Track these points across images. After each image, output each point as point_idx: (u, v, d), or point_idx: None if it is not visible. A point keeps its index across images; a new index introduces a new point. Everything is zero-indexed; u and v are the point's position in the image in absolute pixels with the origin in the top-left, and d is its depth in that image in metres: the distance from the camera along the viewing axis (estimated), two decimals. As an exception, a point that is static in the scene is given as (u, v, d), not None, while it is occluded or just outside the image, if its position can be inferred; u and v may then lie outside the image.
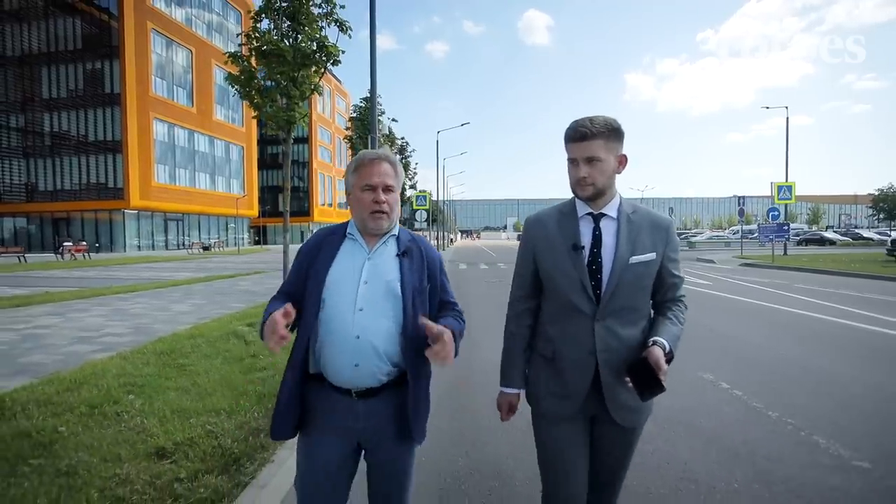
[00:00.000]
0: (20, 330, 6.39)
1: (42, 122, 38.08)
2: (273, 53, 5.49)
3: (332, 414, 1.42)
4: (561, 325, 1.47)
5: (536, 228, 1.52)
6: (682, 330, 1.45)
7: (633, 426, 1.48)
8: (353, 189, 1.45)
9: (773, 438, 3.11)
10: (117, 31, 35.70)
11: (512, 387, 1.58)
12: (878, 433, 3.19)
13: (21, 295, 10.01)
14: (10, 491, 2.28)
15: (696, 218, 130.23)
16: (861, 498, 2.41)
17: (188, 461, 2.61)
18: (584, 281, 1.40)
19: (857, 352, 5.38)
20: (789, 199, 18.70)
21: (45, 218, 38.98)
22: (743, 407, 3.69)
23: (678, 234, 7.29)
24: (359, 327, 1.37)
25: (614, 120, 1.40)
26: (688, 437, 3.13)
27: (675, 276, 1.49)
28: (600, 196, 1.42)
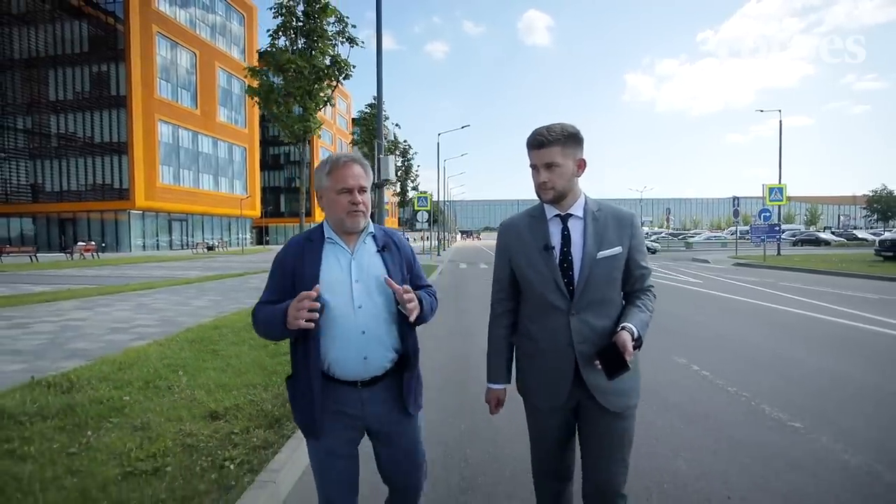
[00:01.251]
0: (57, 322, 6.95)
1: (49, 124, 38.66)
2: (291, 69, 6.03)
3: (337, 405, 1.51)
4: (539, 322, 1.56)
5: (510, 233, 1.63)
6: (650, 316, 1.54)
7: (620, 410, 1.54)
8: (328, 192, 1.50)
9: (727, 406, 3.67)
10: (123, 35, 36.28)
11: (498, 383, 1.68)
12: (819, 403, 3.73)
13: (46, 291, 10.57)
14: (103, 439, 2.84)
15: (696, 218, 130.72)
16: (785, 445, 2.97)
17: (238, 420, 3.16)
18: (556, 279, 1.50)
19: (823, 341, 5.92)
20: (780, 200, 19.25)
21: (52, 218, 39.55)
22: (707, 384, 4.24)
23: (677, 236, 8.07)
24: (363, 324, 1.47)
25: (572, 126, 1.49)
26: (659, 409, 3.68)
27: (641, 267, 1.57)
28: (562, 198, 1.52)
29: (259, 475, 2.47)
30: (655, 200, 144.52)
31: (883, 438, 3.10)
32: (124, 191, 37.19)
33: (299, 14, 6.40)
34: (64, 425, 3.03)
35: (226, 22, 47.96)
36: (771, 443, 3.04)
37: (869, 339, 5.97)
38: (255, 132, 52.57)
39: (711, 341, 5.98)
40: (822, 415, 3.49)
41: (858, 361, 4.98)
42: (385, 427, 1.56)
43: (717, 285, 12.27)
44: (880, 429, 3.26)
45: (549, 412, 1.60)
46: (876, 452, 2.87)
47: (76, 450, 2.70)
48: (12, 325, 6.61)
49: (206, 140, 44.88)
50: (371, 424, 1.56)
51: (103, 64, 37.49)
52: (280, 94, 6.48)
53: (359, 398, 1.51)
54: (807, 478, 2.60)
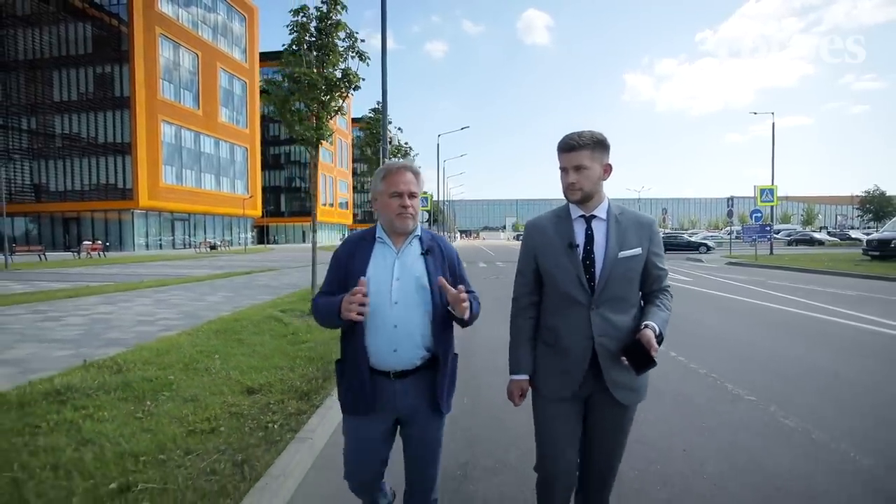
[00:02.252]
0: (86, 315, 7.45)
1: (53, 124, 39.09)
2: (306, 82, 6.55)
3: (375, 391, 1.64)
4: (561, 315, 1.65)
5: (536, 231, 1.73)
6: (669, 315, 1.66)
7: (630, 404, 1.66)
8: (382, 195, 1.65)
9: (700, 386, 4.19)
10: (127, 36, 36.72)
11: (521, 373, 1.74)
12: (772, 381, 4.26)
13: (66, 288, 11.07)
14: (161, 408, 3.36)
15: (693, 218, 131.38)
16: (741, 415, 3.49)
17: (272, 394, 3.69)
18: (579, 275, 1.60)
19: (792, 331, 6.45)
20: (771, 201, 19.81)
21: (56, 218, 40.00)
22: (683, 368, 4.77)
23: (674, 235, 8.81)
24: (396, 318, 1.60)
25: (600, 134, 1.62)
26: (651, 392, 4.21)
27: (659, 268, 1.68)
28: (588, 199, 1.63)
29: (298, 433, 3.00)
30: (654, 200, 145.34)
31: (829, 407, 3.63)
32: (128, 190, 37.64)
33: (312, 30, 6.92)
34: (126, 397, 3.55)
35: (227, 23, 48.39)
36: (731, 413, 3.57)
37: (836, 330, 6.50)
38: (257, 132, 53.02)
39: (691, 332, 6.50)
40: (772, 389, 4.03)
41: (821, 349, 5.50)
42: (413, 420, 1.69)
43: (707, 283, 12.81)
44: (831, 401, 3.79)
45: (559, 402, 1.67)
46: (818, 419, 3.40)
47: (141, 415, 3.21)
48: (47, 318, 7.12)
49: (208, 140, 45.33)
50: (401, 414, 1.68)
51: (107, 65, 37.92)
52: (294, 103, 6.99)
53: (392, 389, 1.64)
54: (752, 438, 3.13)
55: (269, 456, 2.67)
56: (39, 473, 2.40)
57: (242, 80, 50.48)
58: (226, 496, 2.26)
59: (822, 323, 7.05)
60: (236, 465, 2.56)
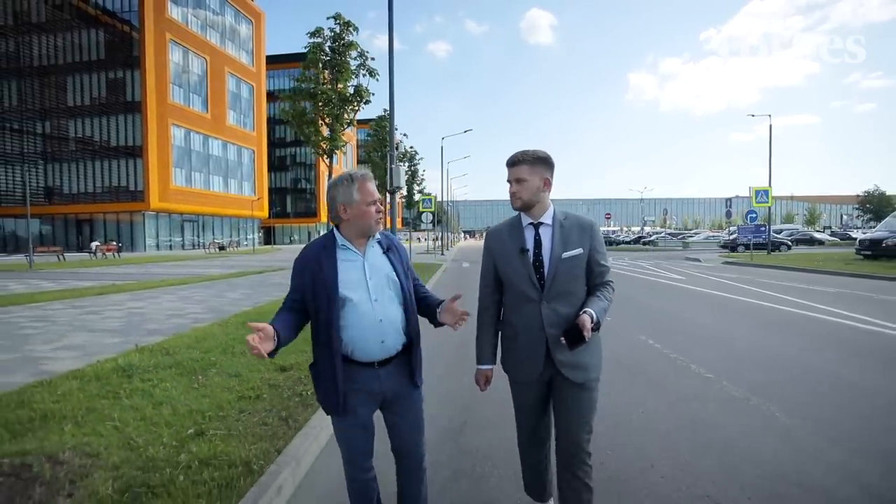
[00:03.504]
0: (121, 310, 8.18)
1: (67, 128, 40.10)
2: (322, 99, 7.25)
3: (358, 384, 1.79)
4: (517, 311, 1.90)
5: (494, 239, 1.97)
6: (609, 304, 1.87)
7: (583, 381, 1.86)
8: (359, 205, 1.75)
9: (666, 367, 4.84)
10: (138, 42, 37.70)
11: (485, 363, 2.01)
12: (722, 360, 4.90)
13: (94, 286, 11.83)
14: (211, 381, 4.05)
15: (697, 218, 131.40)
16: (709, 394, 4.14)
17: (301, 371, 4.37)
18: (530, 275, 1.83)
19: (761, 322, 7.07)
20: (766, 202, 20.35)
21: (70, 219, 41.01)
22: (657, 353, 5.42)
23: (676, 235, 9.87)
24: (380, 313, 1.76)
25: (543, 152, 1.85)
26: (616, 368, 4.86)
27: (601, 265, 1.90)
28: (529, 208, 1.85)
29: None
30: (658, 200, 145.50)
31: (760, 375, 4.27)
32: (139, 193, 38.59)
33: (327, 50, 7.62)
34: (180, 373, 4.24)
35: (235, 28, 49.31)
36: (690, 387, 4.23)
37: (803, 323, 7.11)
38: (263, 135, 53.91)
39: (670, 323, 7.13)
40: (722, 366, 4.68)
41: (786, 337, 6.13)
42: (397, 398, 1.87)
43: (698, 281, 13.41)
44: (787, 381, 4.43)
45: (526, 385, 1.94)
46: (780, 401, 4.05)
47: (197, 386, 3.91)
48: (87, 313, 7.85)
49: (216, 143, 46.26)
50: (386, 396, 1.85)
51: (119, 70, 38.91)
52: (311, 117, 7.70)
53: (376, 376, 1.80)
54: (704, 405, 3.78)
55: (306, 413, 3.36)
56: (132, 423, 3.09)
57: (249, 83, 51.40)
58: (277, 439, 2.94)
59: (785, 314, 7.66)
60: (282, 419, 3.25)
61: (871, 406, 3.76)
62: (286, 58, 58.06)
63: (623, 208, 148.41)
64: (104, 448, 2.70)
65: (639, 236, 53.71)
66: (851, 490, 2.51)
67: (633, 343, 5.92)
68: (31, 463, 2.48)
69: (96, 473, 2.42)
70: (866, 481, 2.59)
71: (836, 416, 3.53)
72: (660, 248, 38.93)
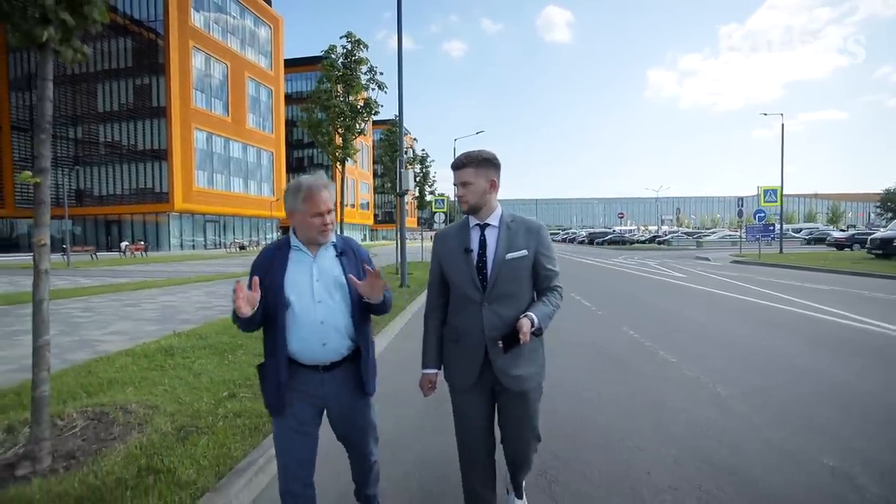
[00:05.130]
0: (154, 303, 9.06)
1: (97, 133, 41.99)
2: (336, 112, 7.99)
3: (302, 386, 1.79)
4: (460, 313, 1.84)
5: (441, 241, 1.92)
6: (553, 310, 1.81)
7: (521, 390, 1.81)
8: (303, 215, 1.74)
9: (635, 351, 5.42)
10: (163, 49, 39.28)
11: (429, 367, 1.92)
12: (699, 350, 5.45)
13: (129, 283, 12.83)
14: (239, 359, 4.78)
15: (715, 217, 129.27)
16: (664, 372, 4.72)
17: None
18: (473, 276, 1.78)
19: (746, 318, 7.54)
20: (774, 201, 20.48)
21: (99, 220, 42.91)
22: (632, 340, 5.98)
23: (692, 235, 10.70)
24: (321, 315, 1.74)
25: (488, 153, 1.81)
26: (597, 357, 5.46)
27: (547, 269, 1.84)
28: (477, 210, 1.82)
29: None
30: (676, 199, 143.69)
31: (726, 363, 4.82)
32: (164, 194, 40.19)
33: (339, 66, 8.35)
34: (213, 353, 4.99)
35: (254, 33, 50.73)
36: (649, 367, 4.81)
37: (790, 319, 7.56)
38: (282, 137, 55.30)
39: (654, 315, 7.66)
40: (688, 353, 5.23)
41: (753, 327, 6.61)
42: (343, 405, 1.85)
43: (699, 279, 13.79)
44: (738, 364, 4.98)
45: (466, 392, 1.87)
46: (725, 378, 4.61)
47: (228, 362, 4.65)
48: (126, 305, 8.74)
49: (236, 146, 47.73)
50: (330, 402, 1.84)
51: (145, 77, 40.56)
52: (326, 126, 8.45)
53: (320, 380, 1.80)
54: (653, 382, 4.37)
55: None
56: (179, 387, 3.84)
57: (268, 87, 52.82)
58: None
59: (764, 308, 8.11)
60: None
61: (811, 384, 4.29)
62: (303, 61, 59.54)
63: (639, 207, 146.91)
64: (160, 402, 3.44)
65: (653, 235, 53.53)
66: (758, 444, 3.10)
67: (615, 332, 6.49)
68: (108, 411, 3.23)
69: (157, 418, 3.15)
70: (784, 445, 3.17)
71: (772, 391, 4.08)
72: (673, 248, 38.94)
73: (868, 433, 3.21)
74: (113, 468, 2.47)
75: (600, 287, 12.29)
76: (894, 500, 2.41)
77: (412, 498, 2.52)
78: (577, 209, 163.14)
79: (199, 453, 2.68)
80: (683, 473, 2.71)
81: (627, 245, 43.94)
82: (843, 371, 4.65)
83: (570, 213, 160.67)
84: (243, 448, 2.78)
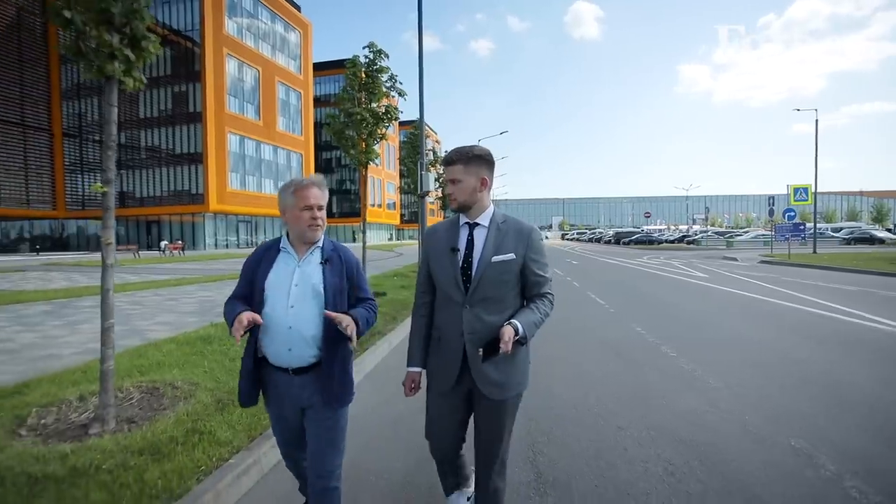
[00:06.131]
0: (193, 297, 9.78)
1: (138, 139, 44.27)
2: (358, 119, 8.51)
3: (278, 387, 1.86)
4: (443, 313, 1.80)
5: (430, 237, 1.88)
6: (542, 318, 1.73)
7: (499, 399, 1.74)
8: (293, 209, 1.79)
9: (640, 346, 5.68)
10: (199, 57, 41.08)
11: (413, 366, 1.87)
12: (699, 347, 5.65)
13: (169, 279, 13.75)
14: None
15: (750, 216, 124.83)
16: (665, 365, 4.98)
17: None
18: (456, 276, 1.74)
19: (756, 317, 7.63)
20: (805, 200, 19.95)
21: (140, 221, 45.22)
22: (638, 336, 6.23)
23: (724, 234, 13.93)
24: (291, 321, 1.77)
25: (480, 149, 1.77)
26: (600, 348, 5.75)
27: (537, 274, 1.77)
28: (466, 208, 1.77)
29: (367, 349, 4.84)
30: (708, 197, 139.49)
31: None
32: (199, 196, 42.03)
33: (362, 76, 8.86)
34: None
35: (284, 38, 52.33)
36: (647, 359, 5.08)
37: (799, 318, 7.60)
38: (311, 139, 56.81)
39: (664, 313, 7.83)
40: (698, 352, 5.46)
41: (771, 329, 6.73)
42: (311, 411, 1.87)
43: (720, 279, 13.71)
44: (733, 358, 5.18)
45: (443, 395, 1.82)
46: (716, 371, 4.84)
47: (259, 350, 5.17)
48: (168, 299, 9.50)
49: (267, 148, 49.37)
50: (304, 405, 1.87)
51: (182, 84, 42.47)
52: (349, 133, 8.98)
53: (291, 382, 1.83)
54: (651, 371, 4.65)
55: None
56: (217, 369, 4.36)
57: (298, 90, 54.37)
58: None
59: (784, 310, 8.14)
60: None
61: (800, 377, 4.48)
62: (331, 64, 60.88)
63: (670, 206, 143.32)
64: (201, 381, 3.96)
65: (683, 235, 52.44)
66: (734, 427, 3.37)
67: (623, 328, 6.74)
68: (158, 386, 3.77)
69: (199, 393, 3.66)
70: (759, 430, 3.44)
71: (760, 383, 4.30)
72: (702, 248, 38.14)
73: (844, 422, 3.43)
74: (165, 429, 2.97)
75: (617, 286, 12.42)
76: (847, 476, 2.66)
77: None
78: (604, 208, 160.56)
79: (234, 420, 3.16)
80: (657, 450, 3.02)
81: (655, 245, 43.24)
82: (840, 367, 4.80)
83: (598, 213, 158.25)
84: (271, 418, 3.25)
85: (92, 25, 2.97)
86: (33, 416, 3.17)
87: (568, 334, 6.35)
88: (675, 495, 2.49)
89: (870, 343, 5.73)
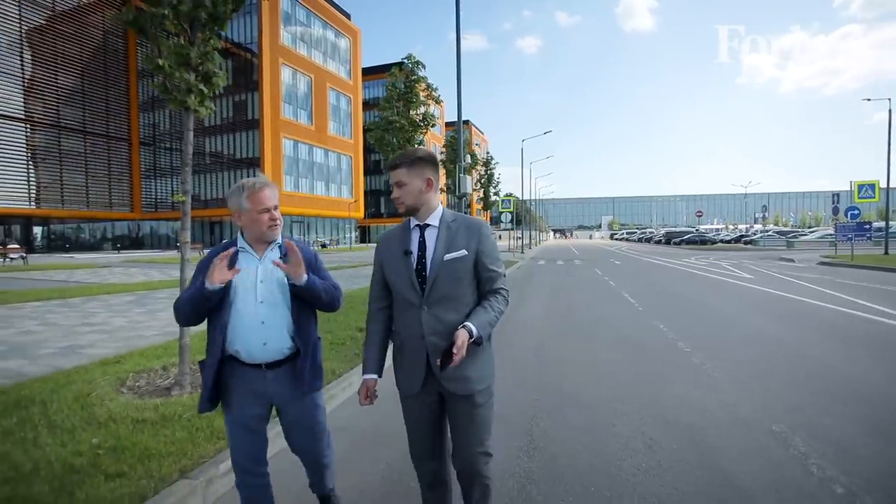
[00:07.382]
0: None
1: (203, 145, 47.76)
2: (396, 128, 9.20)
3: (247, 385, 1.87)
4: (402, 317, 1.81)
5: (383, 243, 1.89)
6: (496, 316, 1.75)
7: (467, 393, 1.75)
8: (250, 213, 1.83)
9: (658, 342, 5.92)
10: (257, 67, 43.77)
11: (367, 373, 1.85)
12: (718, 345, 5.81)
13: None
14: (315, 333, 6.05)
15: (818, 214, 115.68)
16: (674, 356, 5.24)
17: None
18: (411, 278, 1.75)
19: (794, 320, 7.55)
20: (872, 197, 18.68)
21: (205, 222, 48.76)
22: (660, 335, 6.44)
23: (785, 234, 15.15)
24: (263, 315, 1.83)
25: (423, 151, 1.82)
26: (617, 342, 6.06)
27: (490, 270, 1.79)
28: (414, 211, 1.80)
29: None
30: (772, 195, 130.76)
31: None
32: (257, 198, 44.75)
33: (401, 87, 9.54)
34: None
35: (335, 46, 54.55)
36: (661, 352, 5.35)
37: (832, 319, 7.46)
38: (360, 142, 58.87)
39: (692, 312, 7.90)
40: (713, 348, 5.65)
41: (797, 329, 6.71)
42: (288, 403, 1.91)
43: (766, 280, 13.28)
44: (743, 350, 5.34)
45: (413, 399, 1.83)
46: (719, 358, 5.06)
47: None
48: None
49: (319, 152, 51.75)
50: (275, 400, 1.90)
51: (242, 93, 45.41)
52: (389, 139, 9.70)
53: (264, 377, 1.86)
54: (659, 363, 4.93)
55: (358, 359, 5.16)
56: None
57: (347, 95, 56.52)
58: (349, 362, 4.74)
59: (821, 311, 7.96)
60: (356, 354, 5.07)
61: (806, 372, 4.62)
62: (379, 69, 62.77)
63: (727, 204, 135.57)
64: (258, 358, 4.72)
65: (740, 235, 49.88)
66: (723, 414, 3.67)
67: (645, 324, 6.96)
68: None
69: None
70: (747, 416, 3.72)
71: (764, 377, 4.50)
72: (759, 248, 36.20)
73: (835, 412, 3.63)
74: (229, 393, 3.68)
75: (652, 286, 12.40)
76: (814, 457, 2.93)
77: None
78: (657, 207, 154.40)
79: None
80: (643, 427, 3.39)
81: (708, 245, 41.45)
82: (854, 365, 4.87)
83: (651, 212, 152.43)
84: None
85: (175, 68, 3.71)
86: (130, 380, 4.00)
87: (590, 329, 6.67)
88: (647, 462, 2.88)
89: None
